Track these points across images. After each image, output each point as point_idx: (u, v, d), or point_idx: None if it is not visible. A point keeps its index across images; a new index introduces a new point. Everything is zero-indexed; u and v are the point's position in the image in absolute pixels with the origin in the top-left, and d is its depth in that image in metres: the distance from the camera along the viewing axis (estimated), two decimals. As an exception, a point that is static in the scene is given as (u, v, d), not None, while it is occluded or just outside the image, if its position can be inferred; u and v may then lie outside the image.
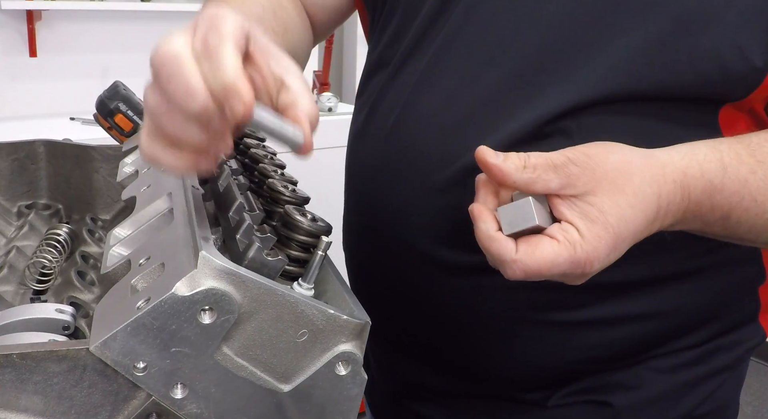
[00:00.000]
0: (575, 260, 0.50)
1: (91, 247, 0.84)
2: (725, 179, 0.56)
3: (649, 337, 0.69)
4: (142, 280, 0.47)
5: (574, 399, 0.71)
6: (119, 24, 2.73)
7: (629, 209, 0.51)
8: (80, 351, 0.42)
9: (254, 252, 0.47)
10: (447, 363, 0.75)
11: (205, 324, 0.42)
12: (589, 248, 0.50)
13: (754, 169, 0.56)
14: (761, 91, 0.61)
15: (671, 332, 0.70)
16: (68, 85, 2.66)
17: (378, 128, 0.72)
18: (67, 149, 0.90)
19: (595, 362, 0.70)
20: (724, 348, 0.73)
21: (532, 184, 0.51)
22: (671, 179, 0.54)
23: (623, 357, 0.70)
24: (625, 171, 0.52)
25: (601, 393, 0.71)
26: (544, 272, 0.50)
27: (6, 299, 0.73)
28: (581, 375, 0.71)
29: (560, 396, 0.72)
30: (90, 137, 1.41)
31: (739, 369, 0.75)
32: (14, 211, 0.90)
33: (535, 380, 0.71)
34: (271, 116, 0.45)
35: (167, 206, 0.57)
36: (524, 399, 0.72)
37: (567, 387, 0.71)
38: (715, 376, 0.73)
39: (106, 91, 0.90)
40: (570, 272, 0.51)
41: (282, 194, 0.58)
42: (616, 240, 0.51)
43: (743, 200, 0.56)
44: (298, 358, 0.46)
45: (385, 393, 0.84)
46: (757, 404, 2.89)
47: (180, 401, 0.44)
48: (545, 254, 0.50)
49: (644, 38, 0.59)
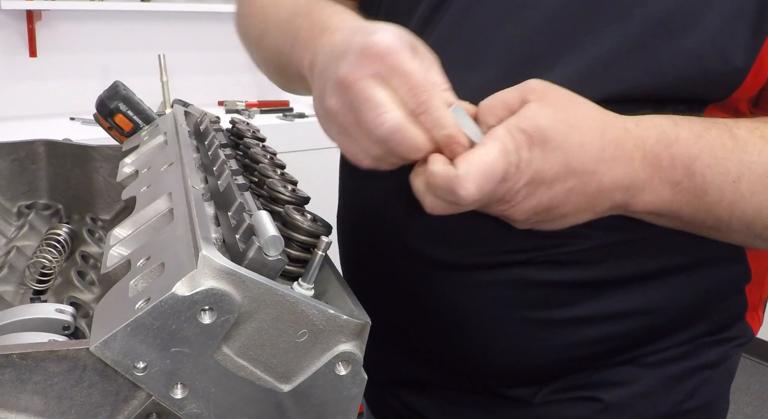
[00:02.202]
0: (509, 151, 0.49)
1: (91, 247, 0.84)
2: (678, 131, 0.55)
3: (635, 335, 0.69)
4: (142, 280, 0.47)
5: (562, 396, 0.72)
6: (119, 24, 2.73)
7: (564, 122, 0.51)
8: (80, 351, 0.42)
9: (254, 252, 0.47)
10: (435, 357, 0.75)
11: (205, 323, 0.42)
12: (521, 137, 0.49)
13: (708, 127, 0.56)
14: (744, 92, 0.61)
15: (658, 329, 0.70)
16: (68, 85, 2.67)
17: None
18: (67, 149, 0.90)
19: (581, 359, 0.70)
20: (711, 344, 0.73)
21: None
22: (620, 124, 0.54)
23: (610, 354, 0.70)
24: (570, 102, 0.52)
25: (590, 389, 0.71)
26: (493, 176, 0.48)
27: (6, 299, 0.73)
28: (568, 372, 0.71)
29: (547, 393, 0.72)
30: (90, 137, 1.41)
31: (726, 365, 0.75)
32: (14, 211, 0.90)
33: (521, 376, 0.72)
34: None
35: (167, 206, 0.57)
36: (511, 395, 0.73)
37: (554, 383, 0.72)
38: (702, 371, 0.73)
39: (106, 91, 0.90)
40: (518, 174, 0.49)
41: (282, 194, 0.58)
42: (553, 135, 0.50)
43: (702, 154, 0.55)
44: (298, 358, 0.46)
45: (375, 383, 0.85)
46: (757, 404, 2.89)
47: (180, 401, 0.44)
48: (479, 155, 0.48)
49: (624, 40, 0.59)
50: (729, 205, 0.56)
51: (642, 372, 0.71)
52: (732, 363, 0.76)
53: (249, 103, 2.81)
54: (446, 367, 0.75)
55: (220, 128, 0.83)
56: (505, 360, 0.70)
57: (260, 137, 0.81)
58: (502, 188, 0.50)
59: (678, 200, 0.56)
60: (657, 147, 0.54)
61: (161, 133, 0.80)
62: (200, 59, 2.91)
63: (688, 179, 0.55)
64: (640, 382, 0.71)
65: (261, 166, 0.66)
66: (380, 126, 0.49)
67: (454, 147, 0.49)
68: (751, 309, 0.74)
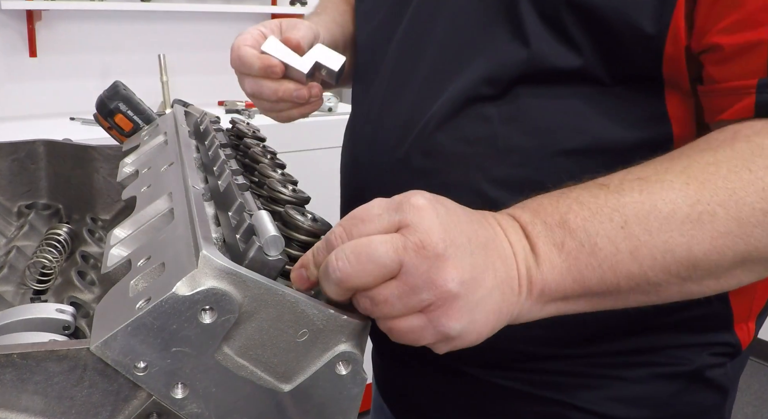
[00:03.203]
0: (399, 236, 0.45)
1: (91, 247, 0.84)
2: (540, 199, 0.53)
3: (609, 327, 0.67)
4: (142, 280, 0.47)
5: (516, 375, 0.70)
6: (119, 24, 2.73)
7: (441, 207, 0.48)
8: (80, 350, 0.42)
9: (255, 252, 0.47)
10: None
11: (206, 323, 0.42)
12: (415, 228, 0.45)
13: (570, 188, 0.54)
14: (674, 64, 0.59)
15: (631, 328, 0.67)
16: (68, 85, 2.66)
17: (360, 128, 0.78)
18: (67, 149, 0.90)
19: (531, 341, 0.68)
20: (690, 351, 0.69)
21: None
22: (490, 214, 0.53)
23: (564, 343, 0.68)
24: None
25: (559, 391, 0.69)
26: (371, 246, 0.45)
27: (6, 299, 0.73)
28: (523, 358, 0.69)
29: (499, 376, 0.71)
30: (90, 137, 1.41)
31: (713, 379, 0.71)
32: (14, 211, 0.90)
33: (474, 354, 0.68)
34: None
35: (167, 206, 0.57)
36: (466, 372, 0.72)
37: (518, 372, 0.70)
38: (680, 380, 0.69)
39: (106, 91, 0.90)
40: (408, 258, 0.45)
41: (282, 194, 0.58)
42: (439, 214, 0.47)
43: (572, 208, 0.51)
44: (299, 358, 0.46)
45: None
46: (758, 404, 2.89)
47: (180, 401, 0.44)
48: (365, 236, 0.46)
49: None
50: (631, 254, 0.51)
51: (615, 374, 0.69)
52: (720, 377, 0.71)
53: (249, 103, 2.81)
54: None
55: (220, 127, 0.83)
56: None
57: (260, 137, 0.81)
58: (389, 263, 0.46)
59: (574, 265, 0.51)
60: (525, 218, 0.52)
61: (161, 133, 0.80)
62: (200, 59, 2.90)
63: (570, 237, 0.51)
64: (613, 386, 0.69)
65: (261, 166, 0.66)
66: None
67: (271, 70, 0.75)
68: (739, 320, 0.71)
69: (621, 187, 0.52)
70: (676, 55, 0.59)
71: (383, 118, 0.74)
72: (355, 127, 0.81)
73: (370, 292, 0.46)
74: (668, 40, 0.58)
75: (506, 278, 0.49)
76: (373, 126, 0.75)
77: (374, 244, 0.44)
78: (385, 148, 0.72)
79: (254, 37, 0.77)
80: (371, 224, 0.46)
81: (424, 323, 0.47)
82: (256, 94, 0.78)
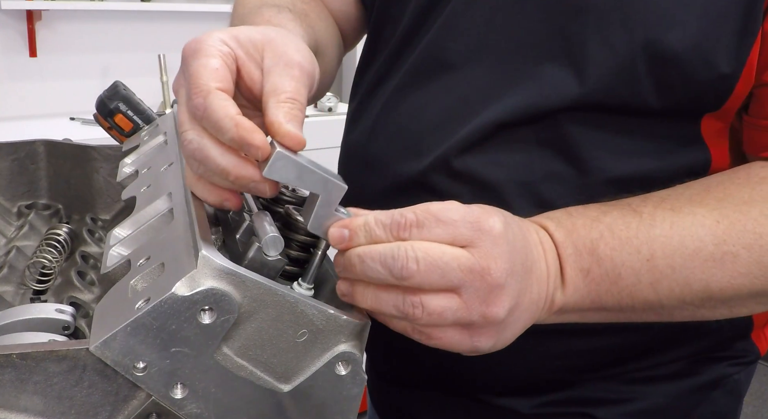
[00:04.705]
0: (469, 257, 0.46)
1: (91, 247, 0.84)
2: (574, 220, 0.55)
3: (625, 349, 0.67)
4: (142, 280, 0.47)
5: (554, 410, 0.70)
6: (119, 24, 2.73)
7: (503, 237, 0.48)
8: (80, 351, 0.42)
9: (254, 252, 0.47)
10: (418, 360, 0.74)
11: (205, 324, 0.42)
12: (482, 252, 0.46)
13: (605, 210, 0.55)
14: (737, 100, 0.58)
15: (651, 345, 0.68)
16: (68, 85, 2.67)
17: (359, 133, 0.76)
18: (67, 149, 0.90)
19: (566, 371, 0.68)
20: (708, 362, 0.70)
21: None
22: (533, 228, 0.54)
23: (598, 367, 0.68)
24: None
25: (583, 405, 0.69)
26: (444, 258, 0.45)
27: (6, 299, 0.73)
28: (556, 384, 0.69)
29: (538, 405, 0.70)
30: (90, 137, 1.41)
31: (730, 385, 0.72)
32: (14, 211, 0.90)
33: (503, 385, 0.70)
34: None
35: (167, 206, 0.57)
36: (495, 403, 0.71)
37: (545, 395, 0.70)
38: (700, 391, 0.70)
39: (106, 91, 0.90)
40: (469, 277, 0.46)
41: (282, 194, 0.58)
42: (506, 241, 0.48)
43: (603, 236, 0.54)
44: (298, 358, 0.46)
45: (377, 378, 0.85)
46: (757, 404, 2.90)
47: (180, 401, 0.44)
48: (433, 244, 0.46)
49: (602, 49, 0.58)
50: (651, 285, 0.53)
51: (637, 389, 0.69)
52: (736, 383, 0.72)
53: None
54: (429, 370, 0.74)
55: (220, 128, 0.83)
56: (486, 366, 0.67)
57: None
58: (457, 274, 0.47)
59: (595, 290, 0.54)
60: (558, 237, 0.54)
61: (161, 133, 0.80)
62: (200, 59, 2.91)
63: (597, 265, 0.53)
64: (635, 401, 0.69)
65: (261, 166, 0.66)
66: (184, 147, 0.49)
67: (248, 149, 0.46)
68: (757, 328, 0.72)
69: (653, 217, 0.54)
70: (744, 91, 0.58)
71: (384, 133, 0.71)
72: (349, 142, 0.78)
73: (425, 298, 0.46)
74: (741, 78, 0.57)
75: (537, 299, 0.52)
76: (372, 140, 0.72)
77: (447, 258, 0.45)
78: (389, 165, 0.69)
79: (220, 62, 0.49)
80: (446, 228, 0.46)
81: (464, 338, 0.49)
82: (197, 158, 0.48)
